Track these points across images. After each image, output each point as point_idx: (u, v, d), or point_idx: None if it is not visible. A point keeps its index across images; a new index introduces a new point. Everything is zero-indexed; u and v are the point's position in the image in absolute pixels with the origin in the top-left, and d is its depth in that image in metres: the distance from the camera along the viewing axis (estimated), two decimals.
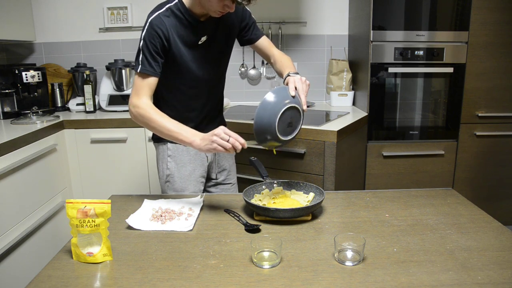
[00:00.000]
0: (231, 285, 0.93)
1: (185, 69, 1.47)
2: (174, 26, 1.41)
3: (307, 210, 1.24)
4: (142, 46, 1.41)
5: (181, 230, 1.20)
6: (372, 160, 2.56)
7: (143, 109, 1.38)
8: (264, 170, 1.45)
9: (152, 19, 1.40)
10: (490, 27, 2.46)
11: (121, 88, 2.76)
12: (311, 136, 2.11)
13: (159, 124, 1.36)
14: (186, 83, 1.52)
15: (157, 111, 1.38)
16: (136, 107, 1.40)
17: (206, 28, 1.47)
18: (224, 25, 1.52)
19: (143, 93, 1.41)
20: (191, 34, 1.44)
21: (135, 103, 1.40)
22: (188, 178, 1.60)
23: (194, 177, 1.61)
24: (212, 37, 1.49)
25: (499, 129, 2.60)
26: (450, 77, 2.53)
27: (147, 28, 1.40)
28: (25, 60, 3.02)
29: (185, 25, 1.43)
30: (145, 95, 1.41)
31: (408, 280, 0.93)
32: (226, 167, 1.74)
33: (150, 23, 1.39)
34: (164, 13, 1.41)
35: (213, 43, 1.50)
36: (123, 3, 2.92)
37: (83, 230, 1.03)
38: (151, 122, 1.37)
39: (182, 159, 1.60)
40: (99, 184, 2.56)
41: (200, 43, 1.47)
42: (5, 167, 1.89)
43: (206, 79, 1.54)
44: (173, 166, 1.61)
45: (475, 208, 1.33)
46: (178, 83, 1.52)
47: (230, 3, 1.31)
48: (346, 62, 2.85)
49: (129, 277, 0.97)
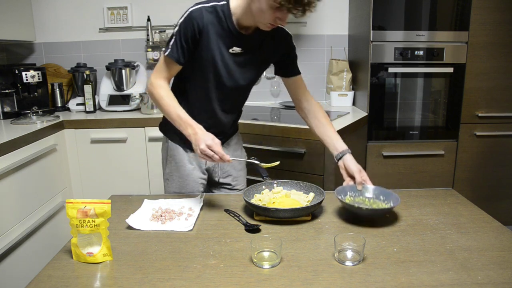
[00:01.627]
0: (231, 285, 0.93)
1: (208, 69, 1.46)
2: (212, 24, 1.39)
3: (307, 210, 1.24)
4: (175, 32, 1.41)
5: (181, 230, 1.20)
6: (372, 160, 2.56)
7: (159, 87, 1.43)
8: (264, 170, 1.46)
9: (193, 10, 1.39)
10: (490, 27, 2.46)
11: (121, 88, 2.76)
12: (311, 136, 2.11)
13: (167, 104, 1.40)
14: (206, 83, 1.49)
15: (169, 94, 1.43)
16: (152, 85, 1.45)
17: (242, 41, 1.44)
18: (263, 46, 1.48)
19: (163, 75, 1.45)
20: (225, 39, 1.42)
21: (153, 81, 1.45)
22: (186, 178, 1.60)
23: (193, 178, 1.61)
24: (246, 52, 1.46)
25: (499, 129, 2.60)
26: (450, 77, 2.53)
27: (186, 16, 1.40)
28: (25, 60, 3.02)
29: (223, 28, 1.41)
30: (164, 77, 1.45)
31: (408, 280, 0.93)
32: (232, 173, 1.70)
33: (190, 13, 1.39)
34: (208, 8, 1.39)
35: (245, 57, 1.47)
36: (123, 3, 2.92)
37: (83, 230, 1.03)
38: (162, 100, 1.42)
39: (181, 159, 1.60)
40: (99, 184, 2.56)
41: (231, 52, 1.44)
42: (5, 167, 1.89)
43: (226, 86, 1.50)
44: (172, 165, 1.62)
45: (475, 208, 1.33)
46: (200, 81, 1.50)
47: (283, 15, 1.28)
48: (346, 62, 2.85)
49: (129, 277, 0.97)
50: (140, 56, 3.00)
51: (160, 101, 1.42)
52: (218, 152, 1.27)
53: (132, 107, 2.70)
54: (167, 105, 1.40)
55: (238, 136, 1.75)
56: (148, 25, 2.89)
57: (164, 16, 2.93)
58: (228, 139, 1.67)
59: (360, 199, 1.35)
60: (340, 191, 1.34)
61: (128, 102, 2.70)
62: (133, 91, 2.75)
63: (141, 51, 3.01)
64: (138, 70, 2.86)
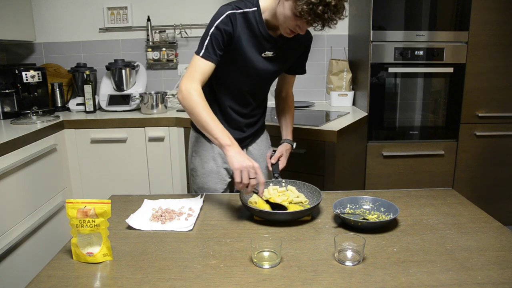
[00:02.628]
0: (231, 285, 0.93)
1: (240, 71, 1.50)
2: (245, 30, 1.42)
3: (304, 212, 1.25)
4: (212, 32, 1.38)
5: (181, 230, 1.20)
6: (372, 160, 2.56)
7: (193, 94, 1.34)
8: (277, 169, 1.58)
9: (230, 13, 1.38)
10: (490, 27, 2.46)
11: (121, 88, 2.76)
12: (311, 136, 2.11)
13: (200, 113, 1.33)
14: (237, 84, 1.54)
15: (204, 102, 1.35)
16: (185, 91, 1.35)
17: (274, 44, 1.47)
18: (291, 47, 1.53)
19: (197, 79, 1.37)
20: (258, 44, 1.45)
21: (187, 86, 1.36)
22: (209, 174, 1.62)
23: (217, 175, 1.63)
24: (278, 54, 1.50)
25: (499, 129, 2.60)
26: (450, 77, 2.53)
27: (223, 18, 1.38)
28: (25, 60, 3.02)
29: (255, 34, 1.43)
30: (199, 81, 1.37)
31: (408, 280, 0.93)
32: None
33: (228, 15, 1.38)
34: (241, 15, 1.41)
35: (276, 59, 1.52)
36: (123, 3, 2.92)
37: (83, 230, 1.03)
38: (195, 109, 1.34)
39: (206, 155, 1.62)
40: (99, 184, 2.56)
41: (263, 56, 1.48)
42: (5, 167, 1.89)
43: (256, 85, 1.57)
44: (196, 161, 1.64)
45: (475, 208, 1.33)
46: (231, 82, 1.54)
47: (304, 25, 1.30)
48: (346, 62, 2.85)
49: (129, 277, 0.97)
50: (140, 56, 3.00)
51: (196, 107, 1.33)
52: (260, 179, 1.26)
53: (132, 107, 2.70)
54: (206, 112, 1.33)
55: (266, 134, 1.82)
56: (148, 25, 2.89)
57: (164, 16, 2.93)
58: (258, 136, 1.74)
59: (361, 211, 1.30)
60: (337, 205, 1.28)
61: (128, 102, 2.70)
62: (133, 91, 2.76)
63: (141, 51, 3.01)
64: (138, 70, 2.86)
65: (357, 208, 1.31)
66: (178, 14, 2.92)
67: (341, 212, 1.25)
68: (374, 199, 1.31)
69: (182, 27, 2.91)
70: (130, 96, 2.72)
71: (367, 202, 1.31)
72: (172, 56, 2.97)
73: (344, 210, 1.29)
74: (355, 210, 1.30)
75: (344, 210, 1.29)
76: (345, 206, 1.30)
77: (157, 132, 2.51)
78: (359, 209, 1.30)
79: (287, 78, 1.72)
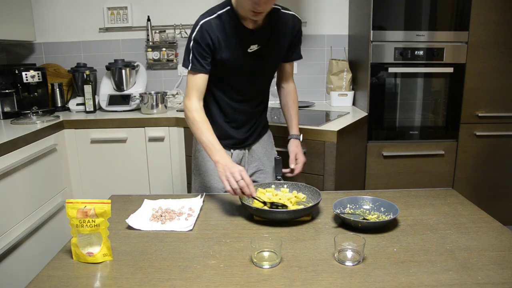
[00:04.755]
0: (231, 285, 0.93)
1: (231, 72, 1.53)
2: (224, 32, 1.45)
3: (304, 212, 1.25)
4: (192, 46, 1.46)
5: (181, 230, 1.20)
6: (372, 160, 2.56)
7: (191, 111, 1.47)
8: (280, 170, 1.56)
9: (203, 23, 1.44)
10: (490, 27, 2.46)
11: (121, 88, 2.76)
12: (311, 136, 2.11)
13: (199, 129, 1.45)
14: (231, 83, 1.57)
15: (202, 117, 1.47)
16: (186, 109, 1.49)
17: (257, 37, 1.49)
18: (278, 36, 1.53)
19: (193, 95, 1.48)
20: (240, 41, 1.47)
21: (186, 104, 1.50)
22: (211, 173, 1.63)
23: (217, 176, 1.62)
24: (263, 46, 1.51)
25: (499, 129, 2.60)
26: (450, 77, 2.53)
27: (198, 30, 1.45)
28: (25, 60, 3.02)
29: (235, 32, 1.45)
30: (194, 97, 1.48)
31: (408, 280, 0.93)
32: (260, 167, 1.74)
33: (201, 26, 1.44)
34: (215, 20, 1.44)
35: (264, 51, 1.52)
36: (123, 3, 2.92)
37: (83, 230, 1.03)
38: (194, 125, 1.47)
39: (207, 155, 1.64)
40: (99, 184, 2.56)
41: (250, 51, 1.49)
42: (5, 167, 1.89)
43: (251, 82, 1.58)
44: (199, 161, 1.67)
45: (475, 208, 1.33)
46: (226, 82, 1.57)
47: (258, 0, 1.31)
48: (346, 62, 2.85)
49: (129, 277, 0.97)
50: (140, 56, 3.00)
51: (192, 126, 1.47)
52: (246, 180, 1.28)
53: (132, 107, 2.70)
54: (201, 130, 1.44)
55: (269, 133, 1.82)
56: (148, 25, 2.89)
57: (164, 16, 2.93)
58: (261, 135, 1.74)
59: (361, 211, 1.30)
60: (337, 205, 1.28)
61: (128, 102, 2.70)
62: (133, 91, 2.75)
63: (141, 51, 3.01)
64: (138, 70, 2.85)
65: (357, 208, 1.31)
66: (178, 14, 2.92)
67: (341, 212, 1.25)
68: (374, 199, 1.31)
69: (182, 27, 2.91)
70: (130, 96, 2.72)
71: (367, 202, 1.31)
72: (172, 56, 2.97)
73: (344, 210, 1.29)
74: (355, 210, 1.30)
75: (344, 210, 1.29)
76: (345, 206, 1.30)
77: (157, 132, 2.51)
78: (359, 209, 1.30)
79: (284, 67, 1.70)
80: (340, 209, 1.27)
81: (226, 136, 1.64)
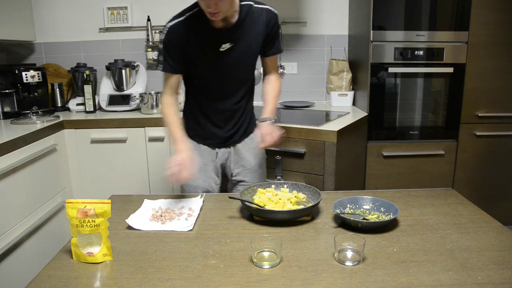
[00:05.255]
0: (231, 285, 0.93)
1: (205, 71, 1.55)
2: (193, 32, 1.45)
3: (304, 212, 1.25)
4: (162, 48, 1.52)
5: (181, 230, 1.20)
6: (372, 160, 2.56)
7: (163, 105, 1.58)
8: (280, 170, 1.54)
9: (171, 26, 1.47)
10: (490, 27, 2.46)
11: (121, 88, 2.76)
12: (311, 136, 2.11)
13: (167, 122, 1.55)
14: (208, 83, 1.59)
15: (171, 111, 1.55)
16: (161, 103, 1.60)
17: (228, 36, 1.48)
18: (250, 32, 1.52)
19: (165, 91, 1.59)
20: (211, 41, 1.47)
21: (161, 99, 1.60)
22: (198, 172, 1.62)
23: (205, 173, 1.66)
24: (236, 43, 1.50)
25: (499, 129, 2.60)
26: (450, 77, 2.53)
27: (166, 33, 1.48)
28: (25, 60, 3.02)
29: (205, 31, 1.45)
30: (166, 93, 1.58)
31: (408, 280, 0.93)
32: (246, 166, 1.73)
33: (169, 29, 1.47)
34: (183, 22, 1.46)
35: (237, 49, 1.51)
36: (123, 3, 2.92)
37: (83, 230, 1.03)
38: (164, 118, 1.57)
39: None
40: (99, 184, 2.56)
41: (222, 50, 1.49)
42: (5, 167, 1.89)
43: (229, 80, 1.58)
44: None
45: (475, 208, 1.33)
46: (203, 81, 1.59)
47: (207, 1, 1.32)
48: (346, 62, 2.85)
49: (129, 277, 0.97)
50: (140, 56, 3.00)
51: (163, 118, 1.57)
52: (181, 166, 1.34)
53: (132, 107, 2.70)
54: (167, 122, 1.54)
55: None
56: (148, 25, 2.89)
57: (164, 16, 2.90)
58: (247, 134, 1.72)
59: (361, 211, 1.30)
60: (337, 205, 1.28)
61: (128, 102, 2.70)
62: (133, 91, 2.76)
63: (141, 51, 3.01)
64: (138, 70, 2.85)
65: (357, 208, 1.31)
66: None
67: (341, 212, 1.25)
68: (374, 199, 1.31)
69: None
70: (130, 96, 2.72)
71: (367, 202, 1.31)
72: None
73: (344, 210, 1.29)
74: (355, 210, 1.30)
75: (344, 210, 1.29)
76: (345, 206, 1.30)
77: (157, 132, 2.51)
78: (359, 209, 1.30)
79: (265, 62, 1.69)
80: (340, 209, 1.27)
81: (210, 135, 1.65)
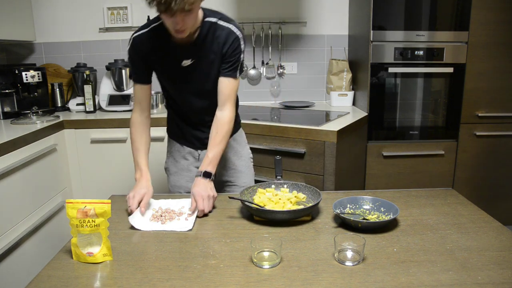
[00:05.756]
0: (231, 285, 0.93)
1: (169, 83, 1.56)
2: (155, 46, 1.44)
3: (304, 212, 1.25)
4: (128, 59, 1.51)
5: (181, 230, 1.20)
6: (372, 160, 2.56)
7: (131, 125, 1.55)
8: (280, 170, 1.53)
9: (135, 37, 1.45)
10: (490, 27, 2.46)
11: (121, 88, 2.76)
12: (311, 136, 2.11)
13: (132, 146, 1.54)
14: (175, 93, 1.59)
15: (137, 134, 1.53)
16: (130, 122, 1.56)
17: (188, 52, 1.44)
18: (209, 50, 1.45)
19: (135, 108, 1.56)
20: (171, 56, 1.45)
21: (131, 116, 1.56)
22: (181, 172, 1.68)
23: (188, 173, 1.67)
24: (197, 60, 1.46)
25: (499, 129, 2.60)
26: (450, 77, 2.53)
27: (131, 44, 1.46)
28: (25, 60, 3.02)
29: (168, 46, 1.43)
30: (136, 111, 1.55)
31: (408, 280, 0.93)
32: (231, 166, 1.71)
33: (133, 40, 1.46)
34: (147, 34, 1.44)
35: (198, 64, 1.47)
36: (123, 3, 2.92)
37: (83, 230, 1.03)
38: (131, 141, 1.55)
39: (177, 155, 1.70)
40: (99, 184, 2.56)
41: (184, 65, 1.46)
42: (5, 167, 1.89)
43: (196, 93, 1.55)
44: (170, 161, 1.72)
45: (475, 208, 1.33)
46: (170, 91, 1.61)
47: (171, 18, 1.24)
48: (346, 62, 2.85)
49: (129, 277, 0.97)
50: None
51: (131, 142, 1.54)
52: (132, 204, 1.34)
53: (132, 107, 2.69)
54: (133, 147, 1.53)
55: (240, 132, 1.76)
56: None
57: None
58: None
59: (361, 211, 1.30)
60: (337, 205, 1.28)
61: (128, 102, 2.70)
62: (133, 91, 2.75)
63: None
64: None
65: (357, 208, 1.31)
66: None
67: (341, 212, 1.25)
68: (374, 199, 1.31)
69: None
70: (130, 96, 2.72)
71: (367, 202, 1.31)
72: None
73: (344, 210, 1.29)
74: (355, 210, 1.30)
75: (344, 210, 1.29)
76: (345, 206, 1.30)
77: (157, 132, 2.50)
78: (359, 209, 1.30)
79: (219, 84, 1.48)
80: (340, 209, 1.27)
81: (191, 137, 1.65)
